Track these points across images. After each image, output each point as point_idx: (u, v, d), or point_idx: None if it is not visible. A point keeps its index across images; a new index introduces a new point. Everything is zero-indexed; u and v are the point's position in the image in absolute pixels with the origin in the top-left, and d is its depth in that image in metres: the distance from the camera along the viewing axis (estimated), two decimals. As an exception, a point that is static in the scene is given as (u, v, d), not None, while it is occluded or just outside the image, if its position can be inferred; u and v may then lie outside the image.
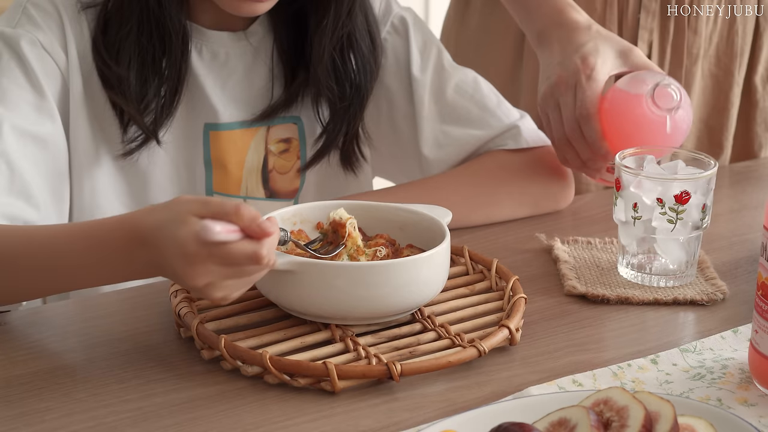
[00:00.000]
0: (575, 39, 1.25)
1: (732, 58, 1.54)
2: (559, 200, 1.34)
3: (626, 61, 1.24)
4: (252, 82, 1.27)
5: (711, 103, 1.56)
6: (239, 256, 0.88)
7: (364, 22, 1.27)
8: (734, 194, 1.44)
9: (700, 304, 1.09)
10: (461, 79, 1.34)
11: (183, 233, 0.88)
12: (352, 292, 0.96)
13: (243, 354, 0.94)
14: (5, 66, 1.14)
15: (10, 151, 1.10)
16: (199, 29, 1.23)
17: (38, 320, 1.06)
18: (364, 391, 0.92)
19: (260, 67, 1.28)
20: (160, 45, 1.18)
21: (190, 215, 0.88)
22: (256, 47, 1.27)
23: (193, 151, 1.26)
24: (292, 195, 1.32)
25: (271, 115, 1.27)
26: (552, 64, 1.26)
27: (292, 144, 1.31)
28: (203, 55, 1.24)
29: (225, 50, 1.25)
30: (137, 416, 0.89)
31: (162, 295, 1.09)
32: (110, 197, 1.24)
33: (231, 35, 1.25)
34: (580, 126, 1.23)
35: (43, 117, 1.15)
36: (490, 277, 1.11)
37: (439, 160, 1.34)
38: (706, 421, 0.80)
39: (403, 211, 1.10)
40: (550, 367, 0.97)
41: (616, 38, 1.26)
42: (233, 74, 1.26)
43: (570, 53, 1.24)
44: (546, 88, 1.26)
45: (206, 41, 1.24)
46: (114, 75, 1.18)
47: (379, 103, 1.35)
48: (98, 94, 1.20)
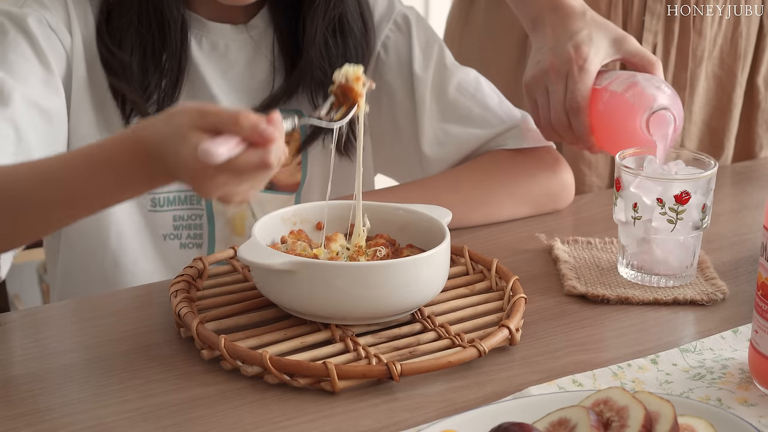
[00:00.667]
0: (569, 25, 1.23)
1: (735, 59, 1.53)
2: (559, 200, 1.34)
3: (620, 49, 1.23)
4: (253, 74, 1.28)
5: (713, 104, 1.56)
6: (246, 167, 0.86)
7: (356, 5, 1.28)
8: (734, 194, 1.44)
9: (700, 304, 1.09)
10: (463, 77, 1.34)
11: (185, 152, 0.85)
12: (352, 292, 0.96)
13: (243, 354, 0.93)
14: (13, 41, 1.15)
15: (19, 120, 1.10)
16: (199, 20, 1.25)
17: (38, 320, 1.06)
18: (364, 391, 0.92)
19: (261, 61, 1.28)
20: (159, 34, 1.20)
21: (190, 129, 0.85)
22: (257, 41, 1.28)
23: None
24: (292, 188, 1.32)
25: (271, 105, 1.27)
26: (544, 49, 1.24)
27: (293, 137, 1.31)
28: (203, 46, 1.25)
29: (225, 42, 1.26)
30: (137, 416, 0.89)
31: (162, 295, 1.09)
32: None
33: (232, 27, 1.27)
34: (568, 117, 1.22)
35: (50, 92, 1.16)
36: (490, 277, 1.11)
37: (439, 158, 1.34)
38: (706, 421, 0.80)
39: (403, 211, 1.10)
40: (550, 367, 0.97)
41: (610, 26, 1.24)
42: (234, 66, 1.27)
43: (563, 41, 1.22)
44: (537, 71, 1.24)
45: (206, 32, 1.25)
46: (117, 61, 1.19)
47: (380, 100, 1.35)
48: (101, 82, 1.21)
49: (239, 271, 1.12)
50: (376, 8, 1.34)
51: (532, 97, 1.27)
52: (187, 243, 1.29)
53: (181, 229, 1.28)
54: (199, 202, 1.28)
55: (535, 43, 1.27)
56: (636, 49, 1.23)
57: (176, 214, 1.28)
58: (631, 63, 1.24)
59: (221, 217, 1.29)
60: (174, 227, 1.28)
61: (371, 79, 1.02)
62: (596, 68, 1.21)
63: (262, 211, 1.30)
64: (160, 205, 1.27)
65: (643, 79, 1.19)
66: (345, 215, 1.11)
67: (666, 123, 1.14)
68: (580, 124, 1.21)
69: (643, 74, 1.21)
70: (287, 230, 1.09)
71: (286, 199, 1.32)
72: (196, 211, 1.29)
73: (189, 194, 1.28)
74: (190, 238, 1.29)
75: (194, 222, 1.29)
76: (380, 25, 1.34)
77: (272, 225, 1.07)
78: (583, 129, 1.21)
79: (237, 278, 1.11)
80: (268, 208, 1.30)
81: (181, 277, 1.07)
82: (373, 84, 1.02)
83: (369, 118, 1.36)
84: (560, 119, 1.23)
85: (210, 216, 1.29)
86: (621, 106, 1.18)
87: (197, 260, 1.12)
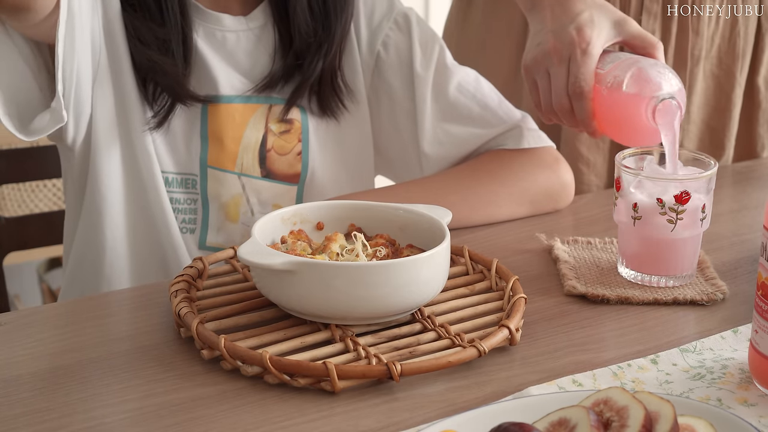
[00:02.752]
0: (570, 7, 1.21)
1: (734, 59, 1.53)
2: (559, 200, 1.34)
3: (621, 31, 1.21)
4: (253, 66, 1.29)
5: (712, 104, 1.56)
6: None
7: None
8: (734, 194, 1.44)
9: (700, 304, 1.09)
10: (463, 77, 1.35)
11: None
12: (351, 292, 0.96)
13: (243, 354, 0.94)
14: None
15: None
16: (197, 6, 1.27)
17: (38, 320, 1.06)
18: (364, 391, 0.92)
19: (261, 54, 1.29)
20: (158, 13, 1.22)
21: None
22: (258, 35, 1.29)
23: (192, 123, 1.28)
24: (291, 179, 1.32)
25: (270, 85, 1.28)
26: (544, 31, 1.22)
27: (293, 126, 1.31)
28: (199, 33, 1.27)
29: (222, 32, 1.28)
30: (137, 416, 0.89)
31: (162, 295, 1.09)
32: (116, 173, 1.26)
33: (231, 18, 1.29)
34: (570, 101, 1.20)
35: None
36: (490, 277, 1.11)
37: (439, 157, 1.34)
38: (706, 421, 0.80)
39: (403, 211, 1.10)
40: (550, 367, 0.97)
41: (610, 7, 1.22)
42: (233, 54, 1.29)
43: (565, 23, 1.20)
44: (537, 53, 1.22)
45: (204, 20, 1.28)
46: (149, 33, 1.23)
47: (380, 99, 1.35)
48: (124, 74, 1.23)
49: (239, 271, 1.12)
50: (376, 7, 1.35)
51: (531, 78, 1.24)
52: (181, 227, 1.29)
53: (177, 213, 1.29)
54: (195, 186, 1.29)
55: (534, 25, 1.25)
56: (637, 31, 1.21)
57: (172, 196, 1.28)
58: (631, 45, 1.22)
59: (216, 202, 1.30)
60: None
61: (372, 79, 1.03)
62: (599, 51, 1.19)
63: (258, 199, 1.31)
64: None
65: (647, 65, 1.17)
66: (345, 215, 1.11)
67: (672, 112, 1.13)
68: (582, 109, 1.19)
69: (647, 59, 1.19)
70: (287, 230, 1.09)
71: (286, 189, 1.32)
72: (191, 195, 1.29)
73: (185, 177, 1.28)
74: (184, 223, 1.29)
75: (189, 206, 1.29)
76: (380, 24, 1.34)
77: (272, 225, 1.07)
78: (585, 114, 1.19)
79: (237, 278, 1.11)
80: (265, 196, 1.31)
81: (181, 277, 1.07)
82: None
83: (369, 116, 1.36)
84: (562, 103, 1.20)
85: (205, 200, 1.29)
86: (625, 92, 1.17)
87: (197, 260, 1.12)
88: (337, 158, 1.35)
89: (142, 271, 1.28)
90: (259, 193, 1.31)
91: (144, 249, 1.28)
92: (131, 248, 1.28)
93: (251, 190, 1.30)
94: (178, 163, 1.28)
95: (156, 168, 1.25)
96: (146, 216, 1.27)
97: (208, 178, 1.28)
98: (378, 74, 1.35)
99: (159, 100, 1.25)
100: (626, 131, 1.16)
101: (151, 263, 1.28)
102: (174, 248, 1.28)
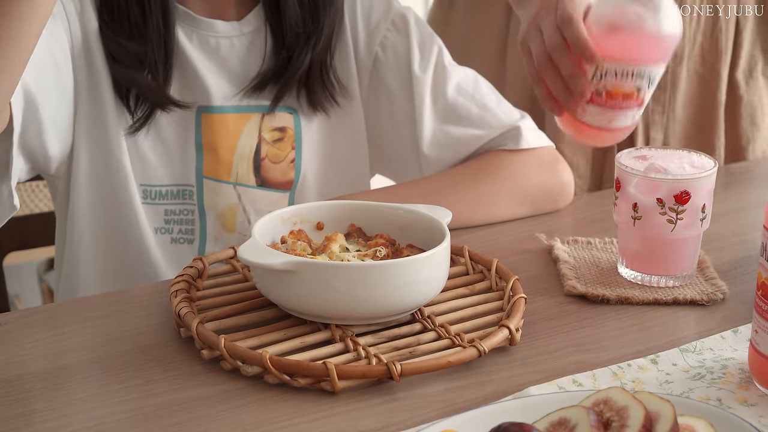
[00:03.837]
0: None
1: (718, 56, 1.54)
2: (559, 200, 1.34)
3: None
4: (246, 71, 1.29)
5: (698, 103, 1.56)
6: None
7: None
8: (734, 194, 1.44)
9: (700, 304, 1.09)
10: (462, 78, 1.35)
11: None
12: (351, 292, 0.96)
13: (243, 354, 0.94)
14: None
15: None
16: (189, 14, 1.27)
17: (38, 320, 1.06)
18: (364, 391, 0.92)
19: (254, 57, 1.29)
20: (140, 14, 1.22)
21: None
22: (251, 40, 1.29)
23: (186, 133, 1.27)
24: (285, 186, 1.33)
25: (261, 86, 1.28)
26: (532, 13, 1.20)
27: (286, 134, 1.31)
28: (193, 41, 1.27)
29: (216, 38, 1.27)
30: (137, 416, 0.89)
31: (162, 295, 1.09)
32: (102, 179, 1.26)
33: (224, 24, 1.28)
34: (562, 34, 1.15)
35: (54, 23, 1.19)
36: (490, 277, 1.11)
37: (438, 159, 1.34)
38: (706, 421, 0.80)
39: (403, 211, 1.10)
40: (550, 367, 0.97)
41: None
42: (226, 62, 1.28)
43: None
44: (529, 22, 1.19)
45: (196, 27, 1.27)
46: (124, 51, 1.22)
47: (379, 101, 1.35)
48: (102, 87, 1.22)
49: (239, 271, 1.12)
50: (374, 8, 1.35)
51: (526, 48, 1.20)
52: (178, 238, 1.29)
53: (173, 224, 1.29)
54: (191, 197, 1.29)
55: (523, 16, 1.22)
56: None
57: (168, 208, 1.28)
58: None
59: (212, 213, 1.30)
60: (165, 221, 1.29)
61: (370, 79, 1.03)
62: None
63: (254, 209, 1.31)
64: (152, 198, 1.28)
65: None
66: (345, 215, 1.11)
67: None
68: (573, 31, 1.13)
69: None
70: (287, 230, 1.09)
71: (279, 197, 1.32)
72: (187, 206, 1.29)
73: (181, 189, 1.28)
74: (181, 233, 1.29)
75: (186, 217, 1.29)
76: (378, 24, 1.34)
77: (272, 225, 1.07)
78: (577, 33, 1.13)
79: (237, 278, 1.11)
80: (260, 205, 1.31)
81: (181, 277, 1.08)
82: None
83: (367, 118, 1.36)
84: (554, 40, 1.15)
85: (201, 211, 1.29)
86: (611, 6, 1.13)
87: (197, 260, 1.12)
88: (330, 162, 1.35)
89: (119, 278, 1.29)
90: (255, 203, 1.31)
91: (115, 257, 1.29)
92: (104, 257, 1.28)
93: (247, 199, 1.30)
94: (173, 174, 1.28)
95: (131, 179, 1.25)
96: (117, 226, 1.27)
97: (204, 188, 1.28)
98: (376, 75, 1.35)
99: (139, 109, 1.25)
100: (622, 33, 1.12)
101: (123, 271, 1.29)
102: (146, 256, 1.28)
